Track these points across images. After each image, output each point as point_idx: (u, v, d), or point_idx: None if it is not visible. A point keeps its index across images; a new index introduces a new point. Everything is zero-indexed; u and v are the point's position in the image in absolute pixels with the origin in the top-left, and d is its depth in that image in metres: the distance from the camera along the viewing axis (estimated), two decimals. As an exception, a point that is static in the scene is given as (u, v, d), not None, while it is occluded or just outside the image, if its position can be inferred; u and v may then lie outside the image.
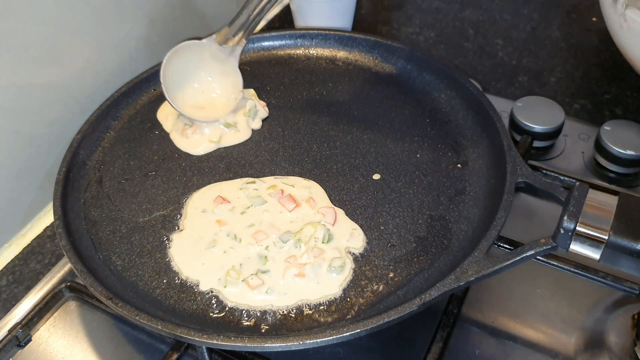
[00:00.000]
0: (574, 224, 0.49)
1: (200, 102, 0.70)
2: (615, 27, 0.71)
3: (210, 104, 0.70)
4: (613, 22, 0.71)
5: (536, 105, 0.73)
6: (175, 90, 0.68)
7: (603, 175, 0.70)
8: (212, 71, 0.71)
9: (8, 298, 0.62)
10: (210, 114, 0.69)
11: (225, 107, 0.70)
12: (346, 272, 0.55)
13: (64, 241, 0.56)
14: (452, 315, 0.55)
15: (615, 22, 0.70)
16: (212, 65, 0.70)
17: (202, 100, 0.70)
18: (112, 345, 0.57)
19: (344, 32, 0.80)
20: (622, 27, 0.69)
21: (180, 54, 0.69)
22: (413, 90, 0.74)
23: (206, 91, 0.70)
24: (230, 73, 0.71)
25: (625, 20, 0.67)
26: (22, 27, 0.62)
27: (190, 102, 0.69)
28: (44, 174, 0.69)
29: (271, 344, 0.47)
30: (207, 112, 0.69)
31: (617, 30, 0.71)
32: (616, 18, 0.69)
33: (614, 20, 0.70)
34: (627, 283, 0.58)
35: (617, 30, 0.71)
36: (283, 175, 0.65)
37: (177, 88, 0.68)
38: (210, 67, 0.70)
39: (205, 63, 0.70)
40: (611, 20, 0.71)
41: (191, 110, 0.68)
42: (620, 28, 0.70)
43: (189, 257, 0.57)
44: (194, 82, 0.70)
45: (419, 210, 0.60)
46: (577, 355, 0.55)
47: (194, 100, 0.70)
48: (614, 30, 0.72)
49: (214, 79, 0.71)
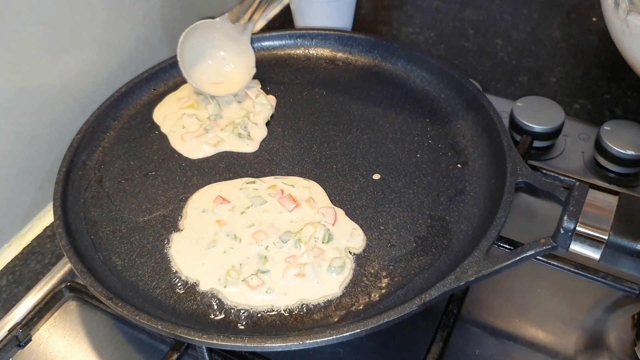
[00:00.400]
0: (574, 224, 0.49)
1: (216, 78, 0.73)
2: (617, 32, 0.71)
3: (226, 79, 0.73)
4: (615, 27, 0.71)
5: (536, 105, 0.73)
6: (191, 68, 0.71)
7: (603, 175, 0.70)
8: (225, 48, 0.74)
9: (8, 298, 0.62)
10: (226, 89, 0.72)
11: (240, 82, 0.73)
12: (346, 272, 0.55)
13: (64, 241, 0.56)
14: (452, 315, 0.55)
15: (618, 28, 0.70)
16: (226, 43, 0.74)
17: (217, 76, 0.73)
18: (112, 345, 0.57)
19: (344, 32, 0.80)
20: (624, 32, 0.69)
21: (195, 33, 0.72)
22: (413, 90, 0.74)
23: (221, 67, 0.74)
24: (243, 50, 0.74)
25: (627, 26, 0.67)
26: (22, 27, 0.62)
27: (206, 79, 0.72)
28: (44, 174, 0.69)
29: (271, 344, 0.47)
30: (223, 87, 0.72)
31: (620, 35, 0.71)
32: (618, 23, 0.69)
33: (616, 26, 0.70)
34: (627, 283, 0.58)
35: (620, 35, 0.71)
36: (283, 175, 0.65)
37: (193, 65, 0.72)
38: (223, 44, 0.74)
39: (219, 41, 0.74)
40: (613, 25, 0.71)
41: (208, 86, 0.72)
42: (622, 33, 0.70)
43: (189, 257, 0.57)
44: (208, 59, 0.73)
45: (419, 210, 0.60)
46: (577, 355, 0.55)
47: (210, 77, 0.73)
48: (616, 36, 0.72)
49: (227, 56, 0.74)
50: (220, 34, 0.73)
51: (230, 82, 0.73)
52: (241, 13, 0.73)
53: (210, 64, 0.73)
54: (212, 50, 0.74)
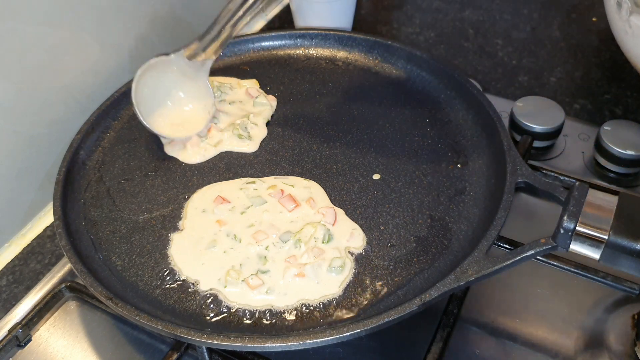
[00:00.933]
0: (574, 223, 0.49)
1: (175, 119, 0.68)
2: (620, 32, 0.71)
3: (186, 119, 0.69)
4: (618, 27, 0.71)
5: (536, 105, 0.73)
6: (149, 111, 0.67)
7: (603, 175, 0.70)
8: (183, 88, 0.69)
9: (8, 298, 0.62)
10: (186, 130, 0.68)
11: (200, 122, 0.68)
12: (346, 272, 0.55)
13: (64, 241, 0.56)
14: (452, 315, 0.55)
15: (620, 28, 0.70)
16: (183, 82, 0.69)
17: (177, 117, 0.69)
18: (112, 345, 0.57)
19: (344, 32, 0.80)
20: (627, 32, 0.69)
21: (149, 72, 0.67)
22: (413, 90, 0.74)
23: (180, 108, 0.69)
24: (201, 89, 0.69)
25: (630, 27, 0.67)
26: (22, 27, 0.62)
27: (165, 121, 0.68)
28: (44, 174, 0.69)
29: (271, 344, 0.47)
30: (183, 128, 0.68)
31: (622, 36, 0.71)
32: (621, 24, 0.69)
33: (619, 26, 0.70)
34: (627, 283, 0.58)
35: (622, 36, 0.71)
36: (283, 175, 0.65)
37: (150, 108, 0.67)
38: (181, 83, 0.69)
39: (176, 80, 0.69)
40: (616, 25, 0.71)
41: (168, 129, 0.67)
42: (625, 34, 0.70)
43: (189, 257, 0.57)
44: (166, 99, 0.68)
45: (419, 210, 0.60)
46: (577, 355, 0.55)
47: (169, 119, 0.68)
48: (619, 36, 0.72)
49: (186, 96, 0.69)
50: (176, 72, 0.68)
51: (190, 122, 0.68)
52: (199, 50, 0.67)
53: (169, 105, 0.68)
54: (170, 90, 0.68)
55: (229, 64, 0.79)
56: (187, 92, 0.69)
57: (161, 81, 0.68)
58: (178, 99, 0.69)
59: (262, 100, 0.72)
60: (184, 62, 0.68)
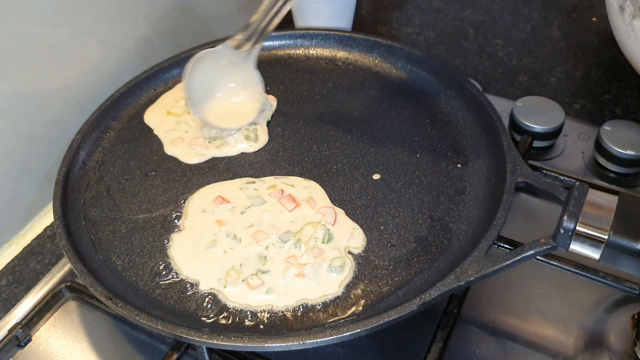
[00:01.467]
0: (573, 223, 0.49)
1: (226, 110, 0.69)
2: (622, 36, 0.71)
3: (236, 110, 0.70)
4: (621, 31, 0.71)
5: (536, 105, 0.73)
6: (200, 103, 0.68)
7: (603, 175, 0.70)
8: (232, 77, 0.70)
9: (8, 298, 0.62)
10: (239, 120, 0.69)
11: (252, 111, 0.69)
12: (346, 272, 0.55)
13: (64, 241, 0.56)
14: (452, 315, 0.55)
15: (623, 32, 0.70)
16: (233, 72, 0.69)
17: (227, 108, 0.69)
18: (112, 345, 0.57)
19: (343, 32, 0.80)
20: (629, 36, 0.69)
21: (198, 65, 0.67)
22: (413, 90, 0.74)
23: (230, 98, 0.70)
24: (250, 77, 0.70)
25: (633, 30, 0.67)
26: (23, 27, 0.62)
27: (217, 112, 0.69)
28: (44, 174, 0.69)
29: (271, 344, 0.47)
30: (236, 119, 0.69)
31: (625, 39, 0.71)
32: (624, 28, 0.69)
33: (622, 30, 0.71)
34: (627, 283, 0.58)
35: (625, 39, 0.71)
36: (283, 175, 0.65)
37: (201, 100, 0.68)
38: (229, 73, 0.70)
39: (224, 70, 0.69)
40: (619, 29, 0.72)
41: (219, 120, 0.68)
42: (627, 37, 0.70)
43: (189, 257, 0.57)
44: (216, 91, 0.69)
45: (419, 210, 0.60)
46: (577, 355, 0.55)
47: (221, 109, 0.69)
48: (622, 40, 0.72)
49: (235, 85, 0.70)
50: (225, 63, 0.69)
51: (241, 112, 0.70)
52: (244, 40, 0.68)
53: (220, 96, 0.69)
54: (219, 82, 0.69)
55: (229, 64, 0.79)
56: (237, 82, 0.70)
57: (211, 73, 0.69)
58: (228, 90, 0.70)
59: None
60: (231, 52, 0.68)
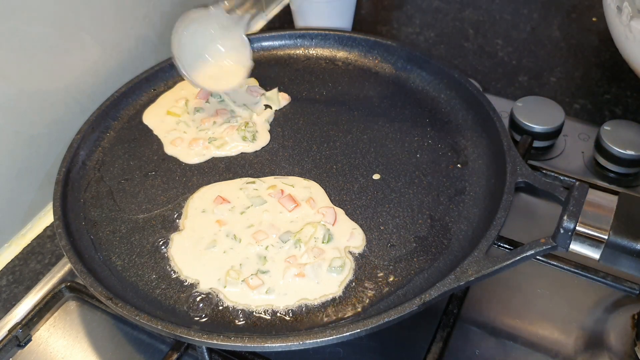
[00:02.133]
0: (573, 223, 0.49)
1: (214, 72, 0.70)
2: (620, 37, 0.71)
3: (224, 72, 0.70)
4: (618, 32, 0.71)
5: (536, 105, 0.73)
6: (189, 63, 0.68)
7: (603, 175, 0.70)
8: (221, 40, 0.70)
9: (8, 298, 0.62)
10: (224, 84, 0.70)
11: (238, 76, 0.70)
12: (346, 272, 0.55)
13: (64, 241, 0.56)
14: (452, 315, 0.55)
15: (621, 33, 0.70)
16: (222, 35, 0.70)
17: (215, 70, 0.70)
18: (112, 345, 0.57)
19: (343, 32, 0.80)
20: (627, 37, 0.69)
21: (190, 25, 0.68)
22: (413, 90, 0.74)
23: (219, 61, 0.70)
24: (239, 42, 0.70)
25: (631, 31, 0.67)
26: (23, 27, 0.62)
27: (205, 73, 0.69)
28: (44, 174, 0.69)
29: (271, 344, 0.47)
30: (221, 82, 0.70)
31: (623, 40, 0.71)
32: (622, 29, 0.69)
33: (619, 31, 0.70)
34: (627, 283, 0.58)
35: (623, 40, 0.71)
36: (283, 175, 0.65)
37: (191, 60, 0.68)
38: (220, 36, 0.70)
39: (216, 33, 0.70)
40: (616, 30, 0.71)
41: (207, 82, 0.69)
42: (625, 39, 0.70)
43: (189, 257, 0.57)
44: (204, 52, 0.70)
45: (419, 210, 0.60)
46: (577, 355, 0.55)
47: (209, 71, 0.70)
48: (619, 40, 0.72)
49: (225, 49, 0.70)
50: (216, 25, 0.69)
51: (229, 75, 0.70)
52: (237, 4, 0.68)
53: (208, 58, 0.70)
54: (209, 43, 0.70)
55: (229, 64, 0.79)
56: (226, 45, 0.70)
57: (201, 34, 0.69)
58: (217, 52, 0.70)
59: (273, 95, 0.72)
60: (223, 15, 0.69)
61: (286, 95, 0.74)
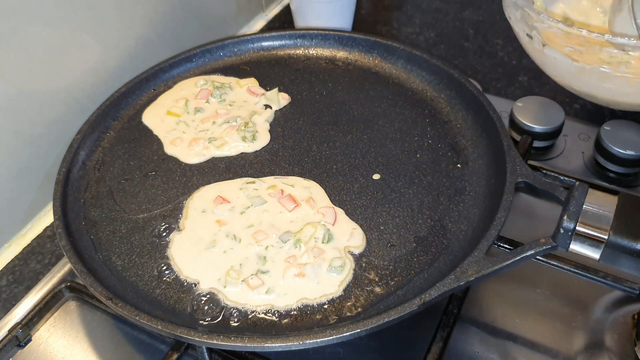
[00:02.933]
0: (573, 223, 0.49)
1: None
2: (537, 60, 0.71)
3: None
4: (534, 56, 0.70)
5: (536, 105, 0.73)
6: None
7: (603, 175, 0.70)
8: None
9: (8, 298, 0.62)
10: None
11: None
12: (346, 272, 0.55)
13: (64, 241, 0.56)
14: (452, 315, 0.55)
15: (537, 58, 0.70)
16: None
17: None
18: (112, 345, 0.57)
19: (343, 32, 0.80)
20: (544, 62, 0.68)
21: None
22: (413, 90, 0.74)
23: None
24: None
25: (546, 57, 0.66)
26: (23, 28, 0.62)
27: None
28: (44, 174, 0.69)
29: (271, 344, 0.47)
30: None
31: (541, 63, 0.70)
32: (537, 54, 0.69)
33: (536, 56, 0.70)
34: (627, 283, 0.58)
35: (541, 63, 0.70)
36: (283, 175, 0.65)
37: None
38: None
39: None
40: (533, 55, 0.71)
41: None
42: (543, 64, 0.69)
43: (189, 257, 0.57)
44: None
45: (419, 210, 0.60)
46: (577, 355, 0.55)
47: None
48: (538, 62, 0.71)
49: None
50: None
51: None
52: None
53: None
54: None
55: (228, 64, 0.79)
56: None
57: None
58: None
59: (273, 95, 0.72)
60: None
61: (286, 95, 0.74)
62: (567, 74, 0.66)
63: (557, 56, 0.65)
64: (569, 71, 0.65)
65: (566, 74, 0.67)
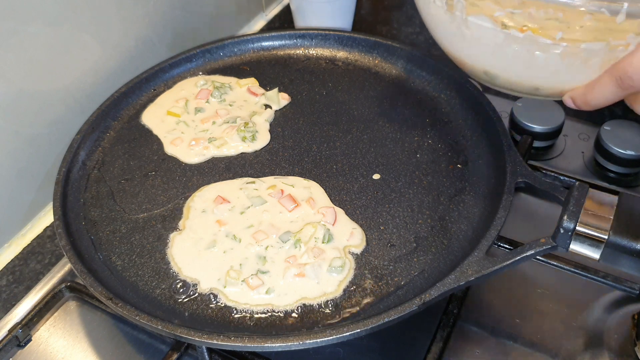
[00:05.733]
0: (573, 223, 0.49)
1: None
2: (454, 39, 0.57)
3: None
4: (450, 34, 0.57)
5: (536, 105, 0.73)
6: None
7: (603, 175, 0.70)
8: None
9: (8, 298, 0.62)
10: None
11: None
12: (346, 271, 0.55)
13: (64, 241, 0.56)
14: (452, 315, 0.55)
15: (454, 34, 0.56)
16: None
17: None
18: (112, 345, 0.57)
19: (343, 32, 0.80)
20: (464, 36, 0.56)
21: None
22: (413, 90, 0.74)
23: None
24: None
25: (468, 28, 0.55)
26: (23, 28, 0.62)
27: None
28: (44, 174, 0.69)
29: (271, 344, 0.47)
30: None
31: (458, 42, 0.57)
32: (454, 28, 0.56)
33: (451, 32, 0.57)
34: (627, 283, 0.58)
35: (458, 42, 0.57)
36: (283, 175, 0.65)
37: None
38: None
39: None
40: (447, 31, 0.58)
41: None
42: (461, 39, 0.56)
43: (189, 257, 0.57)
44: None
45: (419, 210, 0.60)
46: (577, 355, 0.55)
47: None
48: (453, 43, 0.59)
49: None
50: None
51: None
52: None
53: None
54: None
55: (228, 64, 0.79)
56: None
57: None
58: None
59: (273, 95, 0.72)
60: None
61: (286, 95, 0.74)
62: (487, 49, 0.55)
63: (483, 23, 0.53)
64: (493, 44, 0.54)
65: (487, 49, 0.55)
